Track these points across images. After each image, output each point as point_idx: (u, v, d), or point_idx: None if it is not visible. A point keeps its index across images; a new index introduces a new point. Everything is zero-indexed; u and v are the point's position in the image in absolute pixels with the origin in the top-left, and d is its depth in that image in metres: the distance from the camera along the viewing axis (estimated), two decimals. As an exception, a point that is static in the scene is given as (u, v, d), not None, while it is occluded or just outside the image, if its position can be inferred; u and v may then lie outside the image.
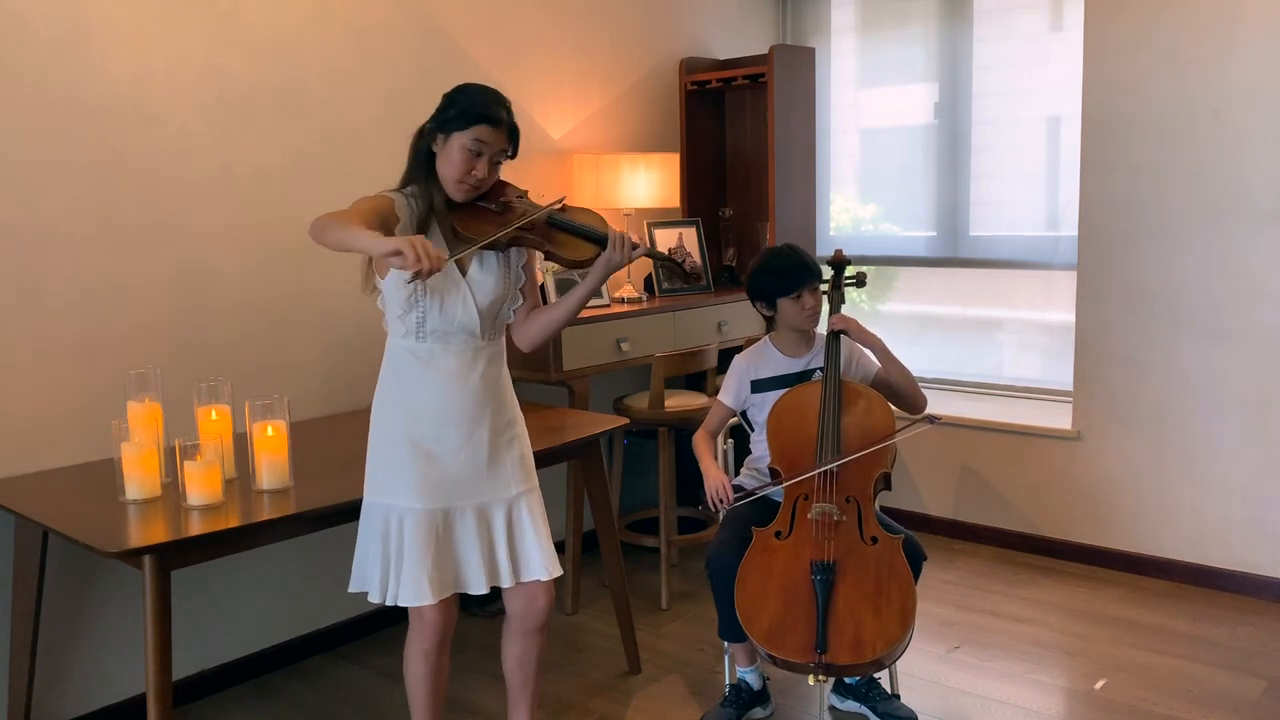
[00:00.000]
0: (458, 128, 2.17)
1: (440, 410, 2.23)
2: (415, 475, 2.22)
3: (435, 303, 2.20)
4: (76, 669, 2.81)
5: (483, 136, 2.17)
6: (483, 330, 2.26)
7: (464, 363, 2.25)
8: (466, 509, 2.27)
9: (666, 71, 4.41)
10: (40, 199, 2.65)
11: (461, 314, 2.22)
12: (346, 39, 3.26)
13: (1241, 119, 3.50)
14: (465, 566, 2.27)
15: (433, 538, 2.23)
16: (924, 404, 2.81)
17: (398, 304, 2.21)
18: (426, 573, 2.21)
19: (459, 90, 2.22)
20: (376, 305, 2.29)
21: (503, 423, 2.32)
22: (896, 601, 2.43)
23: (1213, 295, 3.61)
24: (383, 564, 2.24)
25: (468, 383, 2.25)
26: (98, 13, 2.71)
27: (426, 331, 2.22)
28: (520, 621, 2.41)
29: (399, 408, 2.25)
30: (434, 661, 2.32)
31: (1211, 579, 3.70)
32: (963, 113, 4.39)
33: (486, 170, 2.20)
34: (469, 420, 2.25)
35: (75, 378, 2.73)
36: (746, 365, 2.84)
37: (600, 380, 4.00)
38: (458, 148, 2.17)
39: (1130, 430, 3.83)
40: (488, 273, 2.26)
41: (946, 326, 4.63)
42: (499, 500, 2.30)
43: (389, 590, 2.23)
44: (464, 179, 2.20)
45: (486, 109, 2.17)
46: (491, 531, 2.29)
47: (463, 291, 2.22)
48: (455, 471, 2.25)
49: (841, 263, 2.87)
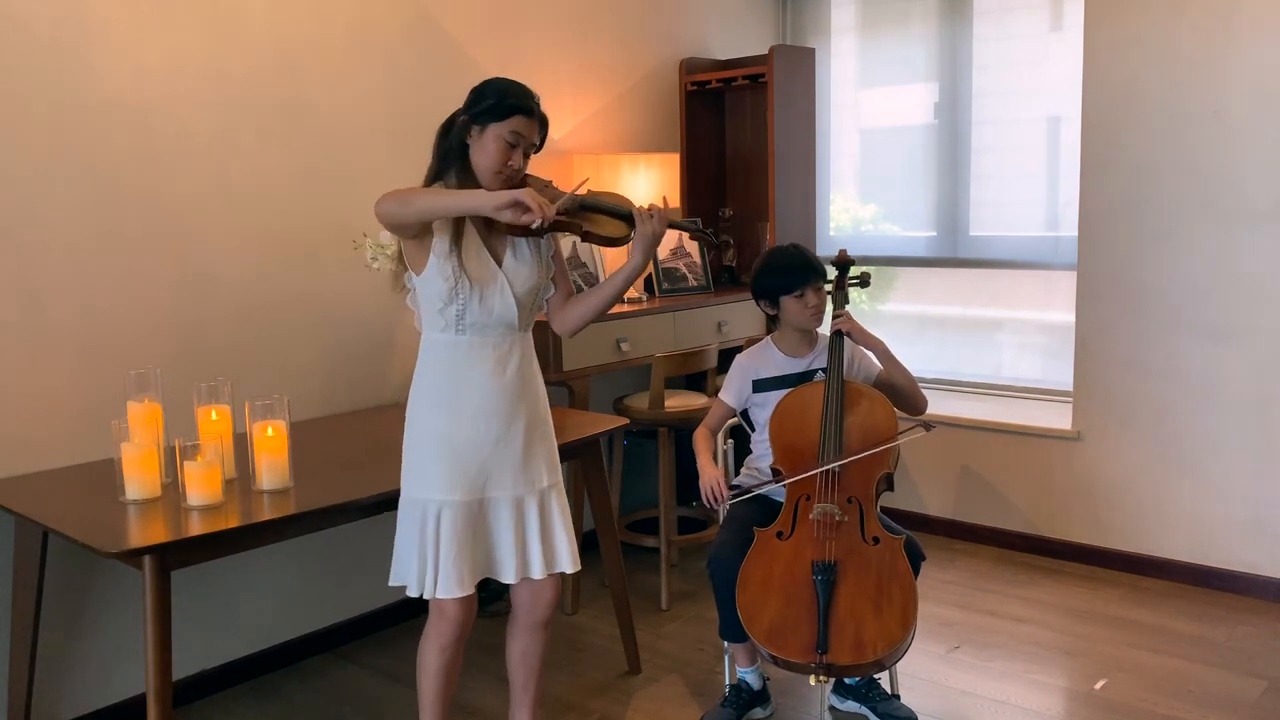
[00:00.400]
0: (495, 119, 2.19)
1: (480, 403, 2.25)
2: (453, 469, 2.25)
3: (475, 294, 2.21)
4: (76, 669, 2.81)
5: (519, 128, 2.19)
6: (520, 321, 2.28)
7: (501, 355, 2.27)
8: (502, 500, 2.29)
9: (666, 71, 4.40)
10: (40, 200, 2.64)
11: (500, 305, 2.24)
12: (347, 40, 3.26)
13: (1241, 119, 3.50)
14: (499, 555, 2.31)
15: (469, 529, 2.26)
16: (925, 405, 2.81)
17: (438, 297, 2.21)
18: (466, 563, 2.25)
19: (489, 84, 2.24)
20: (406, 304, 2.31)
21: (538, 416, 2.35)
22: (898, 602, 2.43)
23: (1213, 295, 3.61)
24: (420, 557, 2.25)
25: (505, 376, 2.27)
26: (98, 14, 2.71)
27: (466, 324, 2.23)
28: (526, 615, 2.44)
29: (438, 403, 2.27)
30: (449, 657, 2.34)
31: (1211, 579, 3.70)
32: (963, 113, 4.39)
33: (521, 161, 2.23)
34: (507, 412, 2.28)
35: (75, 378, 2.73)
36: (748, 365, 2.85)
37: (600, 380, 4.00)
38: (494, 138, 2.19)
39: (1130, 430, 3.83)
40: (522, 262, 2.29)
41: (946, 326, 4.63)
42: (533, 492, 2.32)
43: (427, 583, 2.25)
44: (501, 169, 2.21)
45: (522, 100, 2.20)
46: (525, 523, 2.32)
47: (500, 282, 2.24)
48: (493, 463, 2.27)
49: (845, 262, 2.87)
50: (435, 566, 2.24)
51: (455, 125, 2.25)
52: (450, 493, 2.24)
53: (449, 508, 2.24)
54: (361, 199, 3.30)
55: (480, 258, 2.23)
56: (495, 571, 2.32)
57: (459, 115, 2.25)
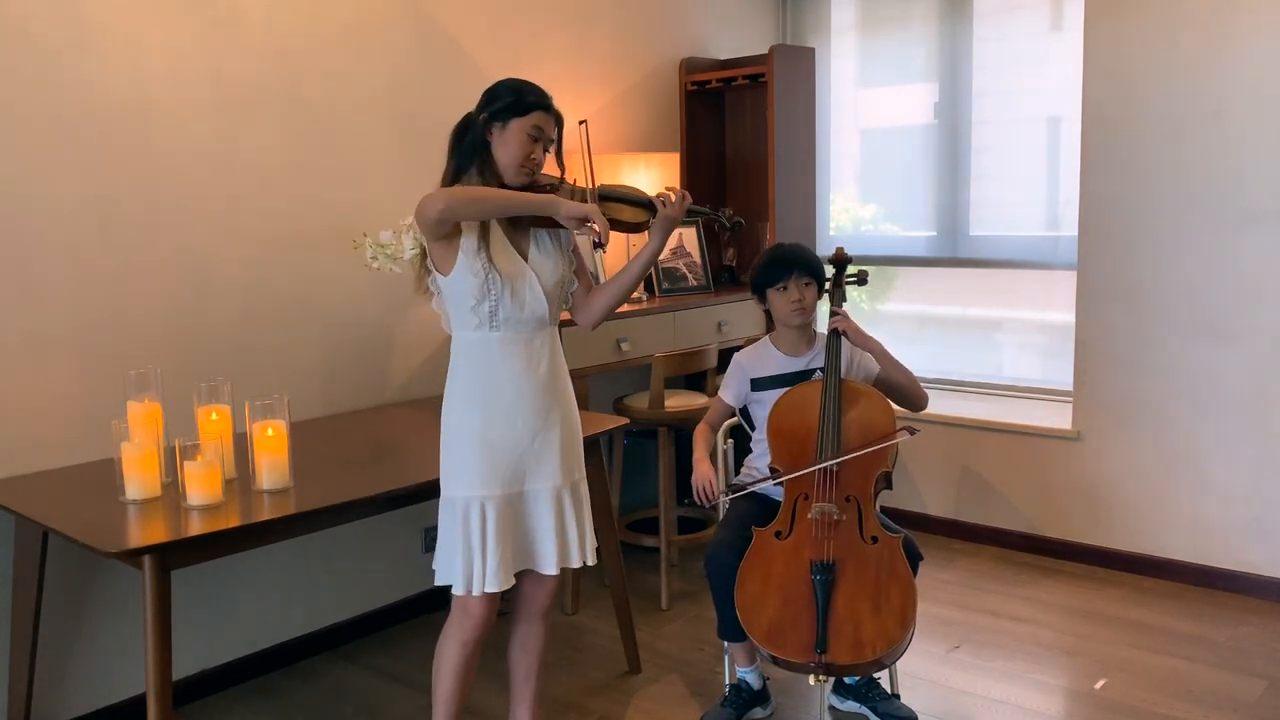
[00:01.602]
0: (517, 114, 2.25)
1: (515, 400, 2.28)
2: (492, 465, 2.27)
3: (506, 289, 2.24)
4: (76, 669, 2.81)
5: (540, 122, 2.26)
6: (551, 314, 2.32)
7: (534, 350, 2.30)
8: (542, 492, 2.33)
9: (666, 71, 4.41)
10: (41, 200, 2.65)
11: (530, 299, 2.27)
12: (346, 40, 3.26)
13: (1241, 119, 3.50)
14: (539, 546, 2.34)
15: (511, 523, 2.29)
16: (926, 402, 2.82)
17: (470, 294, 2.23)
18: (509, 556, 2.29)
19: (504, 83, 2.31)
20: (432, 307, 2.33)
21: (571, 410, 2.40)
22: (896, 601, 2.43)
23: (1212, 295, 3.61)
24: (465, 555, 2.27)
25: (539, 371, 2.31)
26: (98, 13, 2.71)
27: (500, 321, 2.25)
28: (527, 606, 2.46)
29: (472, 401, 2.29)
30: (470, 653, 2.36)
31: (1212, 579, 3.70)
32: (963, 113, 4.39)
33: (541, 155, 2.29)
34: (543, 406, 2.31)
35: (75, 378, 2.73)
36: (747, 363, 2.85)
37: (600, 380, 4.00)
38: (516, 133, 2.25)
39: (1130, 430, 3.83)
40: (546, 255, 2.32)
41: (946, 326, 4.63)
42: (568, 484, 2.36)
43: (475, 579, 2.26)
44: (525, 163, 2.27)
45: (541, 96, 2.28)
46: (564, 514, 2.36)
47: (528, 276, 2.27)
48: (530, 458, 2.31)
49: (842, 260, 2.86)
50: (483, 562, 2.26)
51: (474, 125, 2.29)
52: (490, 488, 2.27)
53: (491, 503, 2.27)
54: (361, 199, 3.30)
55: (508, 253, 2.27)
56: (535, 562, 2.35)
57: (477, 115, 2.29)
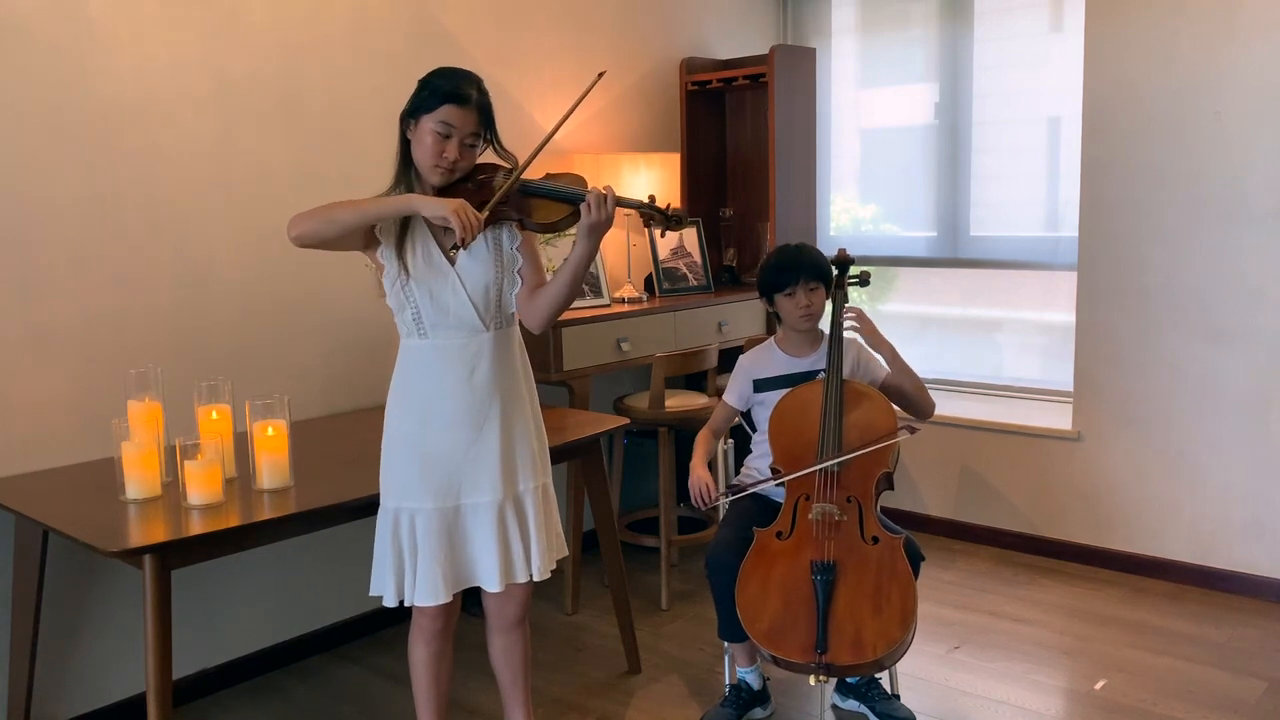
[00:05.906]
0: (426, 110, 2.12)
1: (450, 409, 2.20)
2: (425, 476, 2.21)
3: (425, 294, 2.17)
4: (76, 669, 2.81)
5: (449, 118, 2.11)
6: (483, 320, 2.21)
7: (469, 358, 2.20)
8: (479, 506, 2.24)
9: (667, 71, 4.40)
10: (41, 200, 2.65)
11: (454, 303, 2.18)
12: (347, 39, 3.26)
13: (1241, 119, 3.50)
14: (480, 563, 2.25)
15: (445, 536, 2.22)
16: (932, 410, 2.82)
17: (393, 302, 2.19)
18: (441, 571, 2.21)
19: (430, 73, 2.17)
20: (387, 304, 2.25)
21: (518, 417, 2.27)
22: (897, 602, 2.42)
23: (1213, 295, 3.61)
24: (396, 567, 2.23)
25: (474, 377, 2.21)
26: (98, 13, 2.71)
27: (426, 326, 2.19)
28: (496, 618, 2.40)
29: (408, 409, 2.23)
30: (435, 649, 2.33)
31: (1211, 579, 3.70)
32: (963, 113, 4.39)
33: (458, 152, 2.14)
34: (478, 418, 2.21)
35: (75, 377, 2.73)
36: (750, 365, 2.85)
37: (600, 380, 4.00)
38: (427, 130, 2.13)
39: (1130, 430, 3.83)
40: (476, 259, 2.20)
41: (947, 326, 4.63)
42: (511, 497, 2.26)
43: (406, 591, 2.23)
44: (438, 162, 2.14)
45: (455, 87, 2.12)
46: (506, 529, 2.26)
47: (451, 280, 2.18)
48: (467, 470, 2.22)
49: (844, 261, 2.86)
50: (413, 574, 2.21)
51: (400, 121, 2.20)
52: (422, 500, 2.20)
53: (422, 515, 2.21)
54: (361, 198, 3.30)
55: (429, 257, 2.17)
56: (478, 579, 2.27)
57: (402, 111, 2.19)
